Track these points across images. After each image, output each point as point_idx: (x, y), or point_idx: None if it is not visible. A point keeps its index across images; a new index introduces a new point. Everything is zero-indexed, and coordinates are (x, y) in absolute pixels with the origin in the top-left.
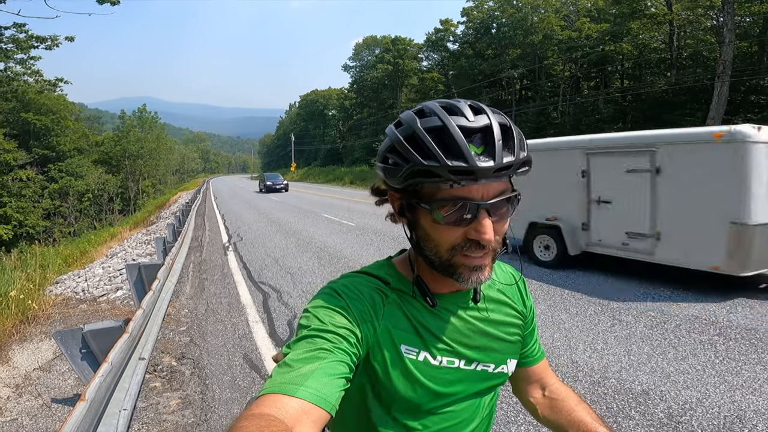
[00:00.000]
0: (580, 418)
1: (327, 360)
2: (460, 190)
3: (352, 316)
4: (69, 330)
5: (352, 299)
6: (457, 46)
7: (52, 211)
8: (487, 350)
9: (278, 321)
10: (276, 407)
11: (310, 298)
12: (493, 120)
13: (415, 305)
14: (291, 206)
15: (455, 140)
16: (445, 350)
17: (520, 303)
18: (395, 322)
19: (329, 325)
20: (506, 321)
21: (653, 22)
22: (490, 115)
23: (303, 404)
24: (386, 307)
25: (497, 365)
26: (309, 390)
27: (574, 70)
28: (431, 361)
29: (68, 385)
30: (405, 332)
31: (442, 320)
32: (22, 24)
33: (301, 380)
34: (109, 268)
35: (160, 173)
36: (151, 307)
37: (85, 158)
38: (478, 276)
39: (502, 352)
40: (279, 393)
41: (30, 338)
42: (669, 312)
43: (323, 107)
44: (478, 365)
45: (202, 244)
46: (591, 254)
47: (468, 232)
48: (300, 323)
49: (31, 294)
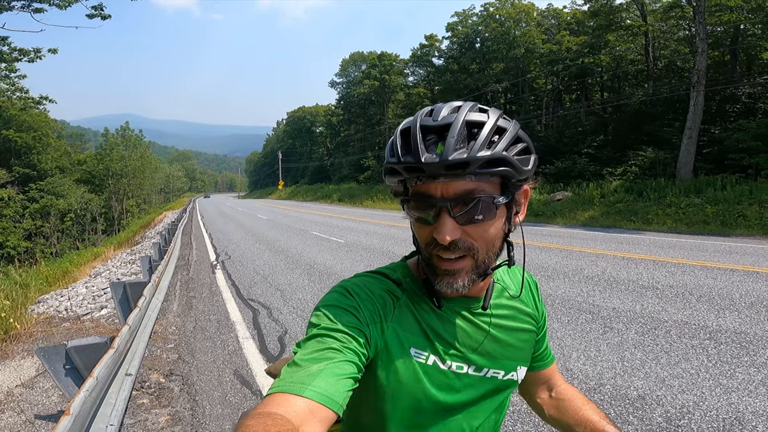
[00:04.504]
0: (587, 417)
1: (335, 360)
2: (422, 186)
3: (362, 316)
4: (52, 346)
5: (363, 299)
6: (442, 61)
7: (34, 232)
8: (498, 357)
9: (269, 337)
10: (283, 406)
11: (300, 314)
12: (462, 117)
13: (425, 308)
14: (279, 224)
15: (411, 138)
16: (455, 355)
17: (534, 309)
18: (405, 324)
19: (339, 324)
20: (518, 327)
21: (629, 33)
22: (467, 114)
23: (310, 404)
24: (396, 309)
25: (507, 372)
26: (316, 390)
27: (556, 83)
28: (440, 365)
29: (52, 402)
30: (414, 335)
31: (451, 324)
32: (4, 37)
33: (308, 380)
34: (93, 288)
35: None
36: (137, 324)
37: (67, 177)
38: (449, 281)
39: (512, 359)
40: (286, 392)
41: (12, 356)
42: (659, 318)
43: (310, 124)
44: (488, 371)
45: (189, 262)
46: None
47: (433, 230)
48: (311, 321)
49: (13, 312)
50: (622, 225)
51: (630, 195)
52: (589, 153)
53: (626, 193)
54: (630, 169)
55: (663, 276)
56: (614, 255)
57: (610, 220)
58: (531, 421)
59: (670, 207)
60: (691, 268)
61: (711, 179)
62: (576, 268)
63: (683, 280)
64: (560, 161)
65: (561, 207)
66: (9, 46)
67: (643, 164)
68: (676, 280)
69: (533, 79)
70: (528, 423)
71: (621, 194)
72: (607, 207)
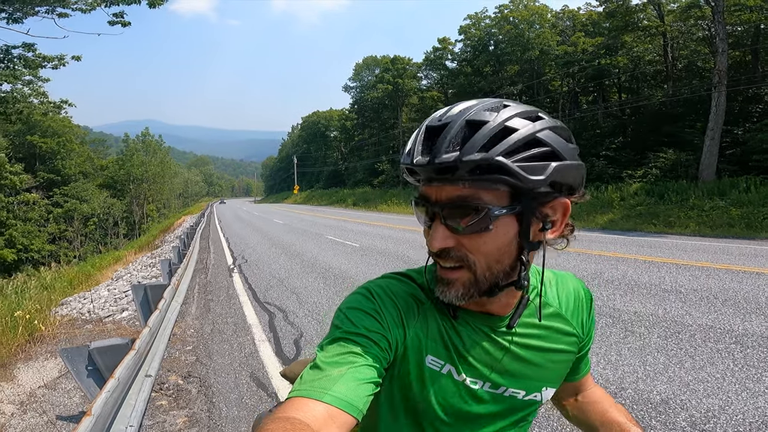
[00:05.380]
0: (613, 419)
1: (356, 364)
2: (424, 189)
3: (384, 321)
4: (75, 348)
5: (386, 302)
6: (455, 64)
7: (58, 236)
8: (519, 377)
9: (284, 340)
10: (303, 411)
11: (316, 317)
12: (464, 116)
13: (447, 315)
14: (295, 228)
15: (413, 137)
16: (470, 369)
17: (578, 327)
18: (427, 330)
19: (361, 327)
20: (551, 348)
21: (647, 34)
22: (475, 113)
23: (330, 409)
24: (420, 314)
25: (529, 392)
26: (336, 395)
27: (572, 85)
28: (455, 376)
29: (73, 403)
30: (434, 342)
31: (469, 338)
32: (31, 44)
33: (329, 384)
34: (115, 290)
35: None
36: (157, 326)
37: (90, 182)
38: (443, 290)
39: (537, 379)
40: (306, 397)
41: (35, 357)
42: (682, 322)
43: (325, 128)
44: (507, 390)
45: (207, 266)
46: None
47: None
48: (333, 322)
49: (37, 314)
50: (642, 228)
51: (651, 198)
52: (608, 155)
53: (647, 195)
54: (650, 172)
55: (686, 279)
56: (635, 258)
57: (630, 223)
58: (549, 427)
59: (692, 210)
60: (716, 271)
61: (735, 181)
62: (595, 272)
63: (707, 284)
64: None
65: (578, 210)
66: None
67: (664, 166)
68: (700, 284)
69: (548, 81)
70: (546, 429)
71: (641, 197)
72: (627, 210)
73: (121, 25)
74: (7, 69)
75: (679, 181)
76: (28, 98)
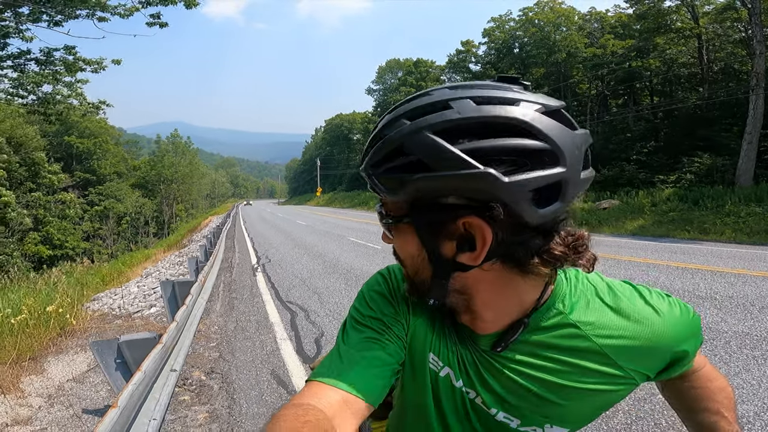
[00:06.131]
0: (711, 408)
1: (373, 350)
2: None
3: (400, 305)
4: (105, 341)
5: (402, 286)
6: (479, 67)
7: (92, 233)
8: (512, 405)
9: (306, 339)
10: (317, 397)
11: (337, 317)
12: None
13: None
14: (317, 230)
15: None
16: (467, 379)
17: (640, 370)
18: (434, 325)
19: (378, 312)
20: (573, 386)
21: (680, 36)
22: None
23: (344, 395)
24: (431, 306)
25: (526, 424)
26: (351, 381)
27: (601, 88)
28: (453, 380)
29: (100, 397)
30: (439, 339)
31: (463, 343)
32: (72, 46)
33: (345, 370)
34: (144, 287)
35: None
36: (184, 321)
37: (123, 182)
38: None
39: (541, 414)
40: (323, 382)
41: (66, 351)
42: (717, 329)
43: (348, 131)
44: (498, 413)
45: (232, 265)
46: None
47: None
48: (353, 304)
49: (70, 309)
50: (675, 235)
51: (684, 203)
52: (639, 160)
53: (680, 201)
54: (684, 177)
55: (722, 286)
56: (667, 265)
57: (662, 229)
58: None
59: (729, 216)
60: (753, 278)
61: None
62: (624, 278)
63: (744, 291)
64: (606, 168)
65: (607, 216)
66: (74, 56)
67: (698, 171)
68: (736, 291)
69: (576, 84)
70: None
71: (674, 202)
72: (659, 216)
73: (159, 26)
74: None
75: (714, 187)
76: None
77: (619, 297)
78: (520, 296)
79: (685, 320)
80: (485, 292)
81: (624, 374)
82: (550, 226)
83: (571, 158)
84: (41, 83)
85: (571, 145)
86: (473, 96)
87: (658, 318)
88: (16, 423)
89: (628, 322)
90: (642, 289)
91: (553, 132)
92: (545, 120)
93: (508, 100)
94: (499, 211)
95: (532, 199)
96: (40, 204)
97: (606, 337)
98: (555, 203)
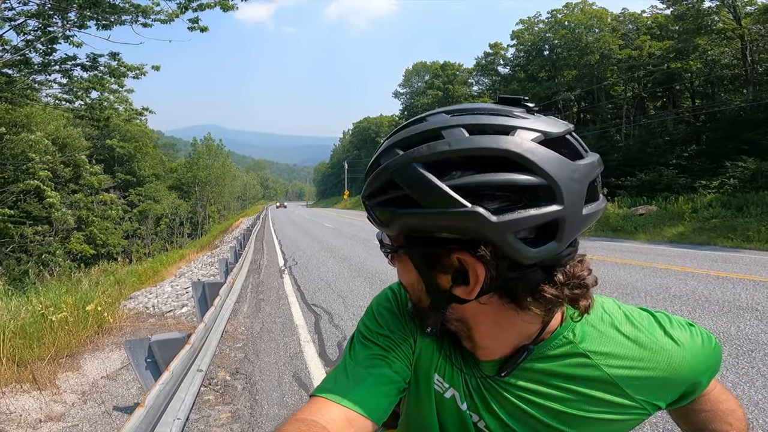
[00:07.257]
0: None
1: (380, 367)
2: None
3: (409, 325)
4: (138, 340)
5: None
6: (508, 69)
7: (131, 233)
8: (516, 430)
9: (328, 342)
10: (321, 413)
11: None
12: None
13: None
14: (344, 233)
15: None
16: (469, 401)
17: (652, 401)
18: (441, 344)
19: (386, 329)
20: (580, 416)
21: (722, 37)
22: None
23: (348, 412)
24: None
25: None
26: (356, 398)
27: (638, 90)
28: (458, 402)
29: (131, 394)
30: (445, 359)
31: (468, 365)
32: (116, 53)
33: (350, 387)
34: (177, 287)
35: (224, 199)
36: (212, 322)
37: (161, 184)
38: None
39: None
40: (327, 398)
41: (102, 348)
42: (757, 340)
43: (375, 135)
44: None
45: (260, 267)
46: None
47: None
48: (362, 319)
49: (108, 307)
50: (717, 242)
51: (728, 210)
52: (679, 164)
53: (723, 207)
54: (728, 182)
55: (764, 297)
56: (707, 273)
57: (702, 236)
58: None
59: None
60: None
61: None
62: (660, 286)
63: None
64: (644, 173)
65: (644, 222)
66: (118, 62)
67: (743, 176)
68: None
69: (610, 86)
70: None
71: (717, 209)
72: (700, 222)
73: (200, 30)
74: (95, 77)
75: (760, 192)
76: (113, 105)
77: (636, 326)
78: (520, 329)
79: (706, 351)
80: (483, 324)
81: (635, 404)
82: (552, 261)
83: (569, 194)
84: (90, 89)
85: (569, 180)
86: (466, 124)
87: (678, 349)
88: (49, 419)
89: (644, 352)
90: (662, 317)
91: (550, 165)
92: (541, 151)
93: (503, 129)
94: (486, 252)
95: (525, 238)
96: (83, 205)
97: (619, 367)
98: (550, 243)
